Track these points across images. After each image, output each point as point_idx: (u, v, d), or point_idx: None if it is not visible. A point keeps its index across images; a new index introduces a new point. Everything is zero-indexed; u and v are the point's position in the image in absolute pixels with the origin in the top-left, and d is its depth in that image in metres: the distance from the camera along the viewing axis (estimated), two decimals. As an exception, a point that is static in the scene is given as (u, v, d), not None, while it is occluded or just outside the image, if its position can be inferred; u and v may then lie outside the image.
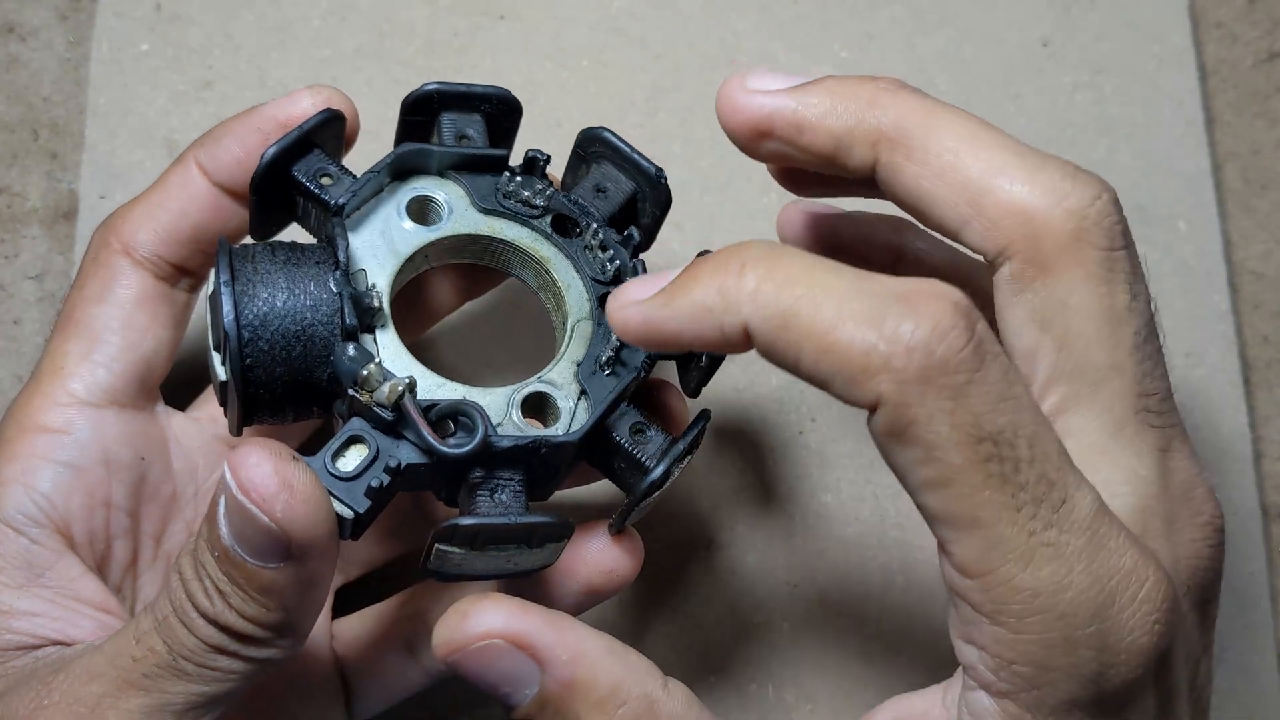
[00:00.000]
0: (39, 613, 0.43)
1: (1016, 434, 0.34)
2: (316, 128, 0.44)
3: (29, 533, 0.44)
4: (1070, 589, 0.35)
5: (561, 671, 0.38)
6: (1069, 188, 0.39)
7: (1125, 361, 0.39)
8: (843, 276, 0.35)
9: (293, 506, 0.36)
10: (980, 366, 0.34)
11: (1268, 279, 0.63)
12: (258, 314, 0.41)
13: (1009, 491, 0.34)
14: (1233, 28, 0.66)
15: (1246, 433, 0.60)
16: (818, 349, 0.34)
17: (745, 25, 0.64)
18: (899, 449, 0.35)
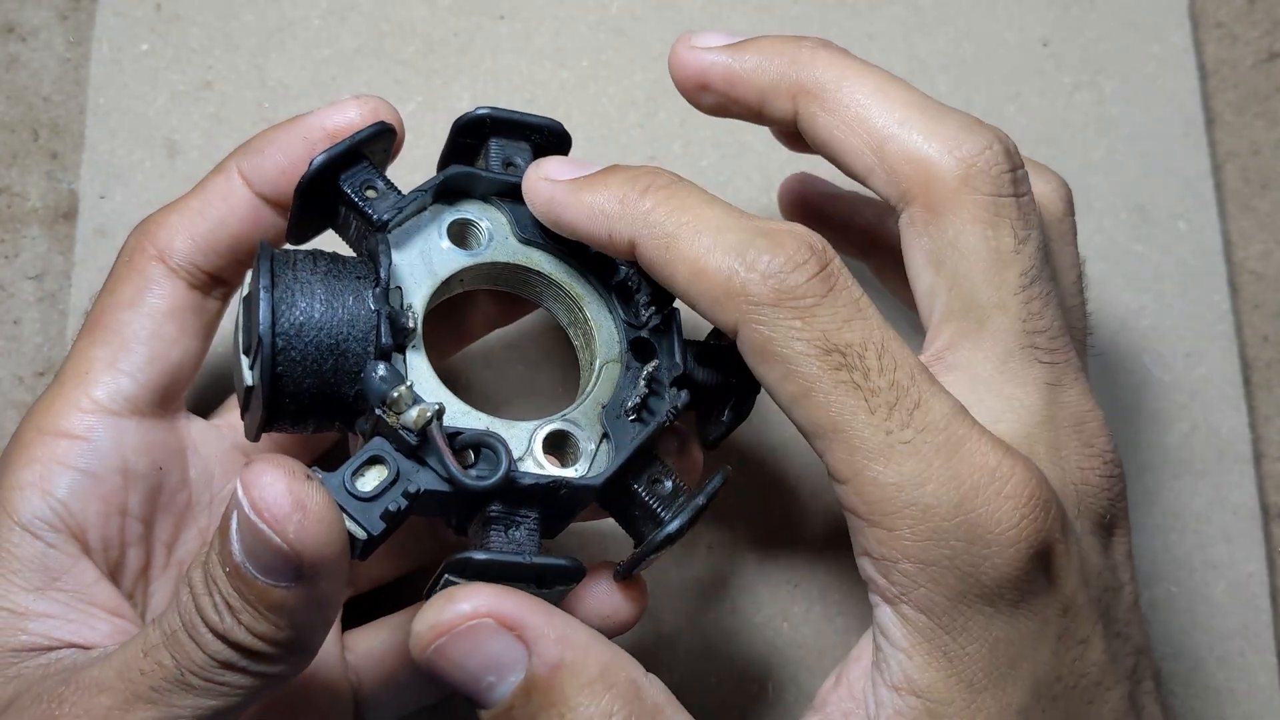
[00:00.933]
0: (54, 615, 0.43)
1: (865, 347, 0.38)
2: (368, 139, 0.44)
3: (45, 537, 0.44)
4: (930, 481, 0.38)
5: (550, 652, 0.38)
6: (961, 138, 0.42)
7: (1009, 300, 0.41)
8: (726, 212, 0.40)
9: (305, 527, 0.36)
10: (828, 293, 0.39)
11: (1268, 279, 0.63)
12: (294, 323, 0.40)
13: (862, 396, 0.38)
14: (1233, 28, 0.66)
15: (1246, 433, 0.60)
16: (690, 271, 0.40)
17: (745, 25, 0.64)
18: (764, 368, 0.39)
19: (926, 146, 0.42)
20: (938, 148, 0.42)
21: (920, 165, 0.42)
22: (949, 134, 0.42)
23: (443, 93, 0.61)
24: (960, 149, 0.42)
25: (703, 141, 0.62)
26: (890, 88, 0.43)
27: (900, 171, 0.43)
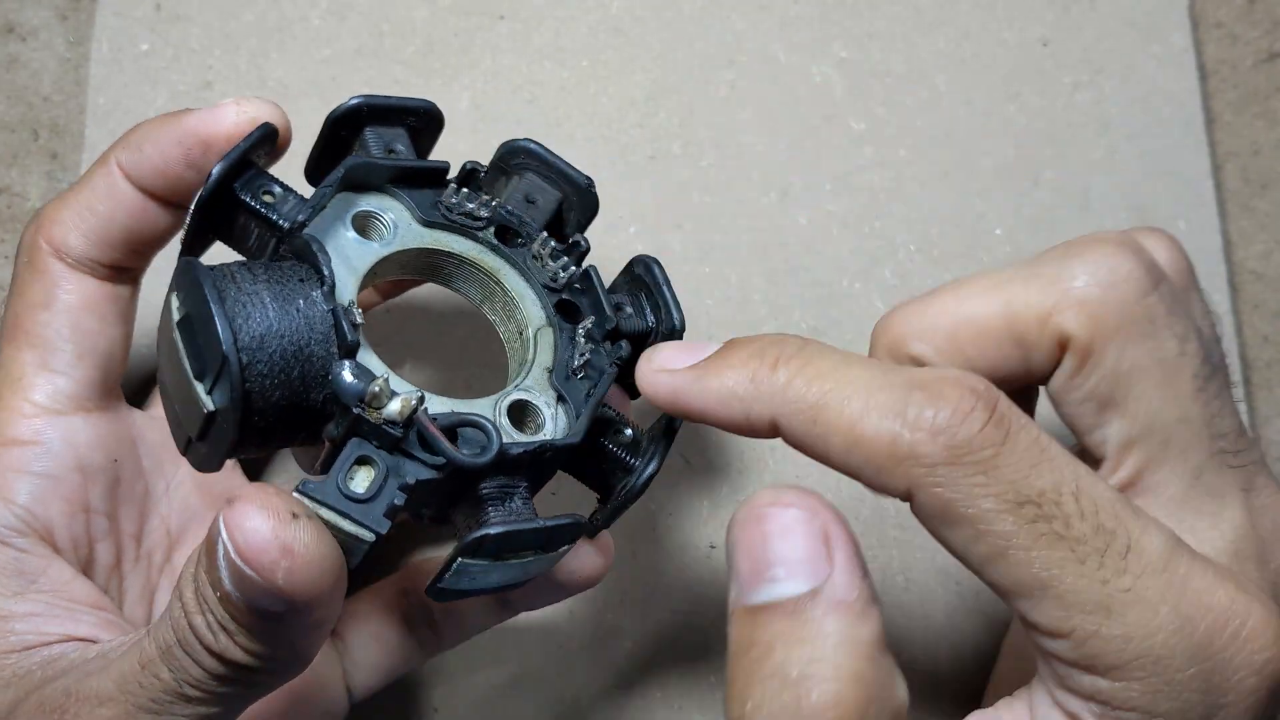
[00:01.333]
0: (39, 613, 0.43)
1: (1060, 492, 0.35)
2: (255, 144, 0.43)
3: (15, 543, 0.44)
4: (1160, 631, 0.34)
5: (845, 589, 0.36)
6: (1078, 270, 0.39)
7: (1189, 409, 0.39)
8: (868, 369, 0.37)
9: (294, 572, 0.35)
10: (1005, 439, 0.35)
11: (1268, 279, 0.63)
12: (254, 334, 0.39)
13: (1067, 547, 0.35)
14: (1233, 28, 0.66)
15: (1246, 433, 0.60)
16: (846, 441, 0.36)
17: (745, 25, 0.64)
18: (949, 531, 0.36)
19: (1030, 306, 0.39)
20: (1047, 300, 0.39)
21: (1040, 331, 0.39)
22: (1058, 272, 0.39)
23: (443, 93, 0.61)
24: (1080, 288, 0.39)
25: (703, 141, 0.62)
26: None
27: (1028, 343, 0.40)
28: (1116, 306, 0.39)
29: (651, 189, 0.61)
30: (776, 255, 0.61)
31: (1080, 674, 0.35)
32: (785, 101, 0.63)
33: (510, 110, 0.61)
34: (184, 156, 0.44)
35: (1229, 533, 0.38)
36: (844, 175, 0.62)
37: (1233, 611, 0.35)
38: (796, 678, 0.35)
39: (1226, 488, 0.39)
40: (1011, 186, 0.63)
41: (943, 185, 0.62)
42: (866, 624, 0.36)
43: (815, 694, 0.35)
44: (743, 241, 0.61)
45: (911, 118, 0.63)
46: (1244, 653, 0.35)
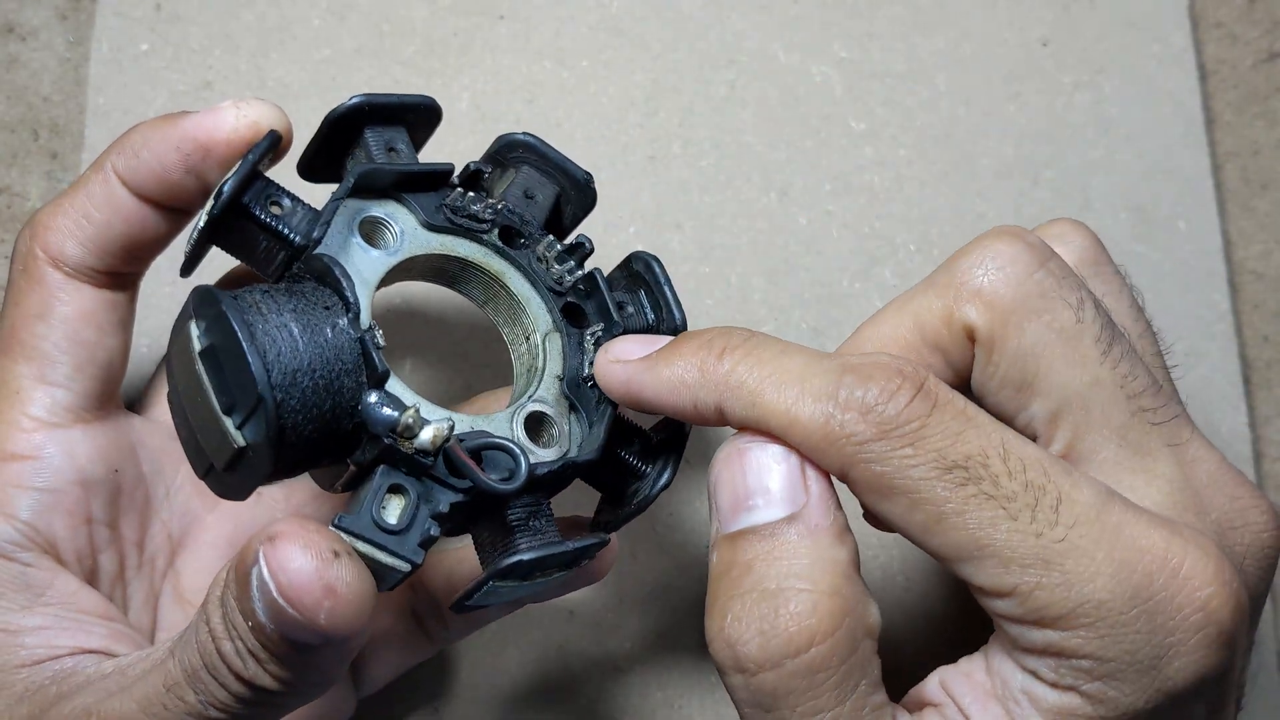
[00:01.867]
0: (49, 626, 0.43)
1: (987, 454, 0.36)
2: (262, 155, 0.42)
3: (20, 558, 0.44)
4: (1098, 576, 0.35)
5: (820, 516, 0.38)
6: (956, 280, 0.41)
7: (1098, 372, 0.40)
8: (805, 357, 0.39)
9: (336, 611, 0.35)
10: (931, 411, 0.37)
11: (1268, 279, 0.63)
12: (286, 370, 0.38)
13: (997, 505, 0.36)
14: (1233, 28, 0.66)
15: (1246, 433, 0.60)
16: (783, 424, 0.38)
17: (745, 25, 0.64)
18: (886, 505, 0.37)
19: (934, 311, 0.41)
20: (946, 301, 0.41)
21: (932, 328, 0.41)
22: (938, 291, 0.41)
23: (443, 93, 0.61)
24: (973, 280, 0.41)
25: (702, 141, 0.62)
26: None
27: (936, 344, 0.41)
28: (1007, 287, 0.40)
29: (651, 189, 0.61)
30: (776, 255, 0.61)
31: (1031, 630, 0.36)
32: (785, 101, 0.63)
33: (510, 110, 0.61)
34: (182, 162, 0.43)
35: (1164, 487, 0.39)
36: (844, 175, 0.62)
37: (1169, 552, 0.36)
38: (774, 590, 0.37)
39: (1153, 444, 0.40)
40: (1011, 186, 0.63)
41: (943, 185, 0.62)
42: (842, 547, 0.38)
43: (793, 603, 0.37)
44: (743, 241, 0.61)
45: (911, 118, 0.63)
46: (1185, 590, 0.36)
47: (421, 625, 0.50)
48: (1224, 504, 0.40)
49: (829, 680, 0.36)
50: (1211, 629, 0.36)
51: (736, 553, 0.38)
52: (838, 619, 0.37)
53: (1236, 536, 0.40)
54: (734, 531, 0.39)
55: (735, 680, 0.38)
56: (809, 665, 0.36)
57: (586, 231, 0.47)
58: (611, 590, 0.56)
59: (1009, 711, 0.38)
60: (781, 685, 0.37)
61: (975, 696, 0.38)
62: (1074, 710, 0.37)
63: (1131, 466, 0.40)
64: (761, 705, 0.37)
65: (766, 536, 0.38)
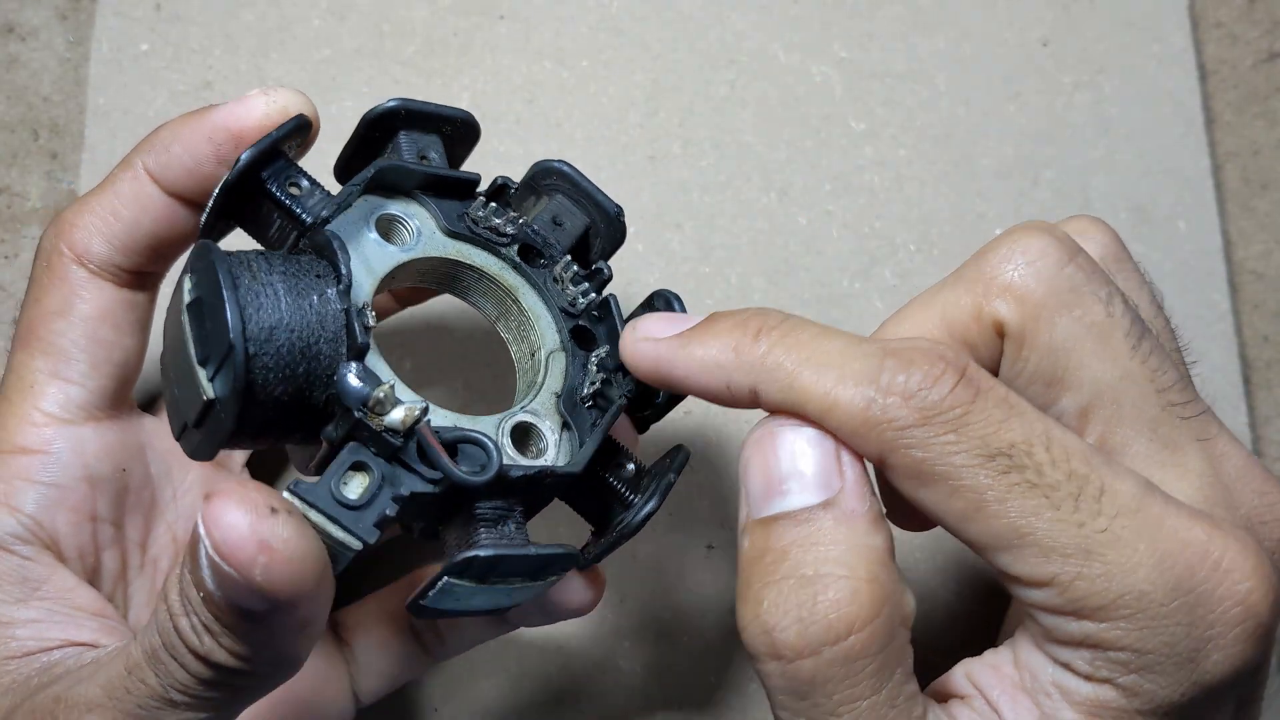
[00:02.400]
0: (41, 619, 0.43)
1: (1031, 443, 0.36)
2: (286, 135, 0.42)
3: (20, 551, 0.44)
4: (1140, 568, 0.35)
5: (856, 502, 0.37)
6: (987, 271, 0.41)
7: (1129, 366, 0.39)
8: (844, 340, 0.38)
9: (272, 568, 0.34)
10: (974, 398, 0.36)
11: (1268, 279, 0.63)
12: (264, 325, 0.38)
13: (1040, 494, 0.35)
14: (1233, 28, 0.66)
15: (1246, 433, 0.60)
16: (821, 408, 0.37)
17: (745, 25, 0.64)
18: (925, 492, 0.36)
19: (963, 306, 0.41)
20: (975, 295, 0.41)
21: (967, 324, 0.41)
22: (969, 284, 0.41)
23: (443, 93, 0.61)
24: (1002, 275, 0.40)
25: (702, 141, 0.62)
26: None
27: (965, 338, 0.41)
28: (1037, 282, 0.40)
29: (651, 189, 0.61)
30: (776, 255, 0.61)
31: (1068, 621, 0.36)
32: (785, 101, 0.63)
33: (510, 110, 0.61)
34: (215, 153, 0.43)
35: (1195, 481, 0.39)
36: (844, 175, 0.62)
37: (1210, 545, 0.36)
38: (812, 576, 0.36)
39: (1183, 439, 0.40)
40: (1011, 186, 0.63)
41: (943, 185, 0.62)
42: (878, 534, 0.37)
43: (832, 591, 0.36)
44: (743, 241, 0.61)
45: (911, 118, 0.63)
46: (1225, 584, 0.35)
47: (419, 639, 0.50)
48: (1252, 499, 0.40)
49: (867, 668, 0.36)
50: (1251, 623, 0.36)
51: (770, 538, 0.37)
52: (877, 606, 0.36)
53: (1266, 531, 0.40)
54: (767, 516, 0.38)
55: (771, 667, 0.37)
56: (848, 653, 0.36)
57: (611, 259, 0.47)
58: (612, 590, 0.56)
59: (1039, 704, 0.37)
60: (820, 673, 0.36)
61: (1004, 689, 0.38)
62: (1108, 703, 0.36)
63: (1163, 461, 0.39)
64: (797, 693, 0.37)
65: (802, 522, 0.37)
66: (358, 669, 0.50)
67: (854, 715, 0.36)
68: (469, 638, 0.50)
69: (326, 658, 0.49)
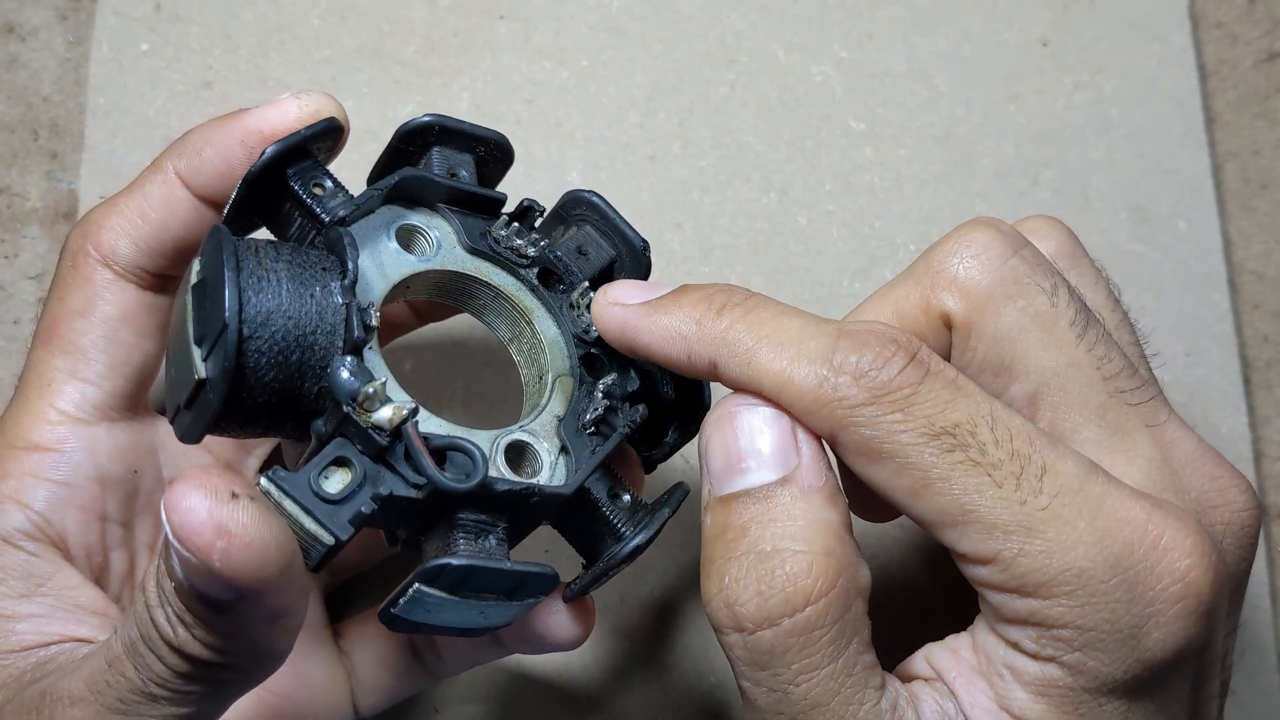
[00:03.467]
0: (42, 614, 0.43)
1: (975, 422, 0.37)
2: (315, 136, 0.43)
3: (26, 547, 0.44)
4: (1080, 544, 0.36)
5: (813, 477, 0.38)
6: (935, 266, 0.42)
7: (1075, 354, 0.40)
8: (802, 320, 0.39)
9: (231, 554, 0.34)
10: (923, 379, 0.37)
11: (1268, 279, 0.63)
12: (261, 310, 0.38)
13: (983, 472, 0.37)
14: (1233, 28, 0.66)
15: (1246, 433, 0.60)
16: (776, 384, 0.38)
17: (745, 25, 0.64)
18: (873, 469, 0.38)
19: (911, 300, 0.42)
20: (923, 289, 0.42)
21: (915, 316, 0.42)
22: (923, 278, 0.42)
23: (443, 93, 0.61)
24: (948, 269, 0.41)
25: (702, 141, 0.62)
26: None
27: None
28: (982, 274, 0.41)
29: (651, 189, 0.61)
30: (776, 255, 0.61)
31: (1013, 599, 0.37)
32: (785, 101, 0.63)
33: (510, 110, 0.61)
34: (247, 156, 0.43)
35: (1144, 466, 0.40)
36: (844, 175, 0.62)
37: (1150, 524, 0.36)
38: (770, 552, 0.38)
39: (1131, 425, 0.40)
40: (1011, 186, 0.63)
41: (943, 185, 0.62)
42: (834, 509, 0.38)
43: (789, 564, 0.37)
44: (743, 241, 0.61)
45: (911, 118, 0.63)
46: (1164, 561, 0.36)
47: (418, 656, 0.50)
48: (1203, 483, 0.40)
49: (824, 638, 0.37)
50: (1191, 600, 0.36)
51: (731, 515, 0.39)
52: (832, 579, 0.37)
53: (1216, 515, 0.40)
54: (727, 494, 0.39)
55: (733, 639, 0.38)
56: (805, 624, 0.37)
57: None
58: (612, 590, 0.56)
59: (993, 686, 0.38)
60: (779, 643, 0.37)
61: (961, 672, 0.39)
62: (1055, 681, 0.37)
63: (1111, 446, 0.40)
64: (758, 663, 0.38)
65: (760, 499, 0.38)
66: (358, 683, 0.50)
67: (811, 683, 0.37)
68: (467, 657, 0.50)
69: (327, 671, 0.49)
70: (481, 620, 0.40)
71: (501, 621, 0.41)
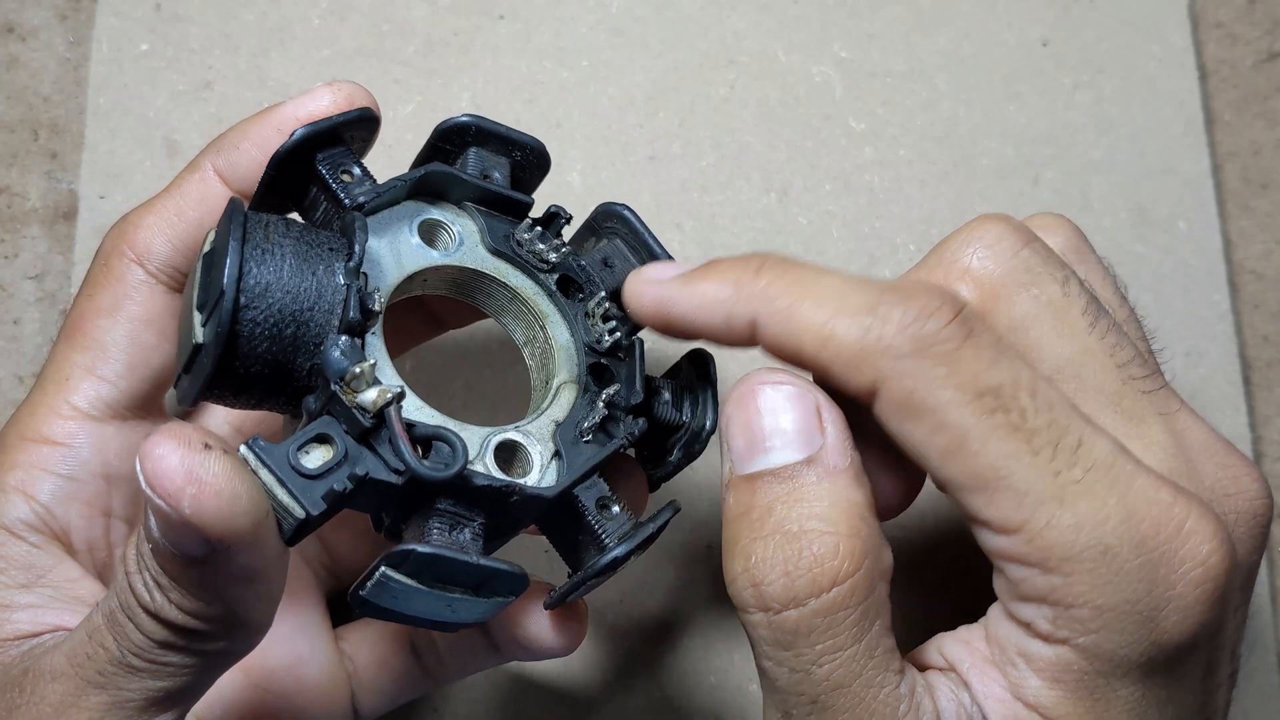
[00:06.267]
0: (40, 604, 0.43)
1: (1017, 386, 0.36)
2: (349, 123, 0.43)
3: (29, 538, 0.44)
4: (1109, 520, 0.36)
5: (839, 458, 0.38)
6: (951, 257, 0.42)
7: (1087, 341, 0.40)
8: (845, 279, 0.39)
9: (201, 501, 0.34)
10: (969, 336, 0.37)
11: (1268, 279, 0.63)
12: (261, 281, 0.38)
13: (1022, 438, 0.36)
14: (1233, 28, 0.66)
15: (1246, 433, 0.60)
16: (818, 338, 0.38)
17: (745, 25, 0.64)
18: (910, 426, 0.37)
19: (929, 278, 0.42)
20: (937, 280, 0.41)
21: None
22: (945, 259, 0.42)
23: (443, 93, 0.61)
24: (962, 260, 0.41)
25: (702, 141, 0.62)
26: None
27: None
28: (995, 265, 0.41)
29: (651, 189, 0.61)
30: (776, 255, 0.61)
31: (1034, 574, 0.37)
32: (785, 101, 0.63)
33: (510, 110, 0.61)
34: None
35: (1159, 453, 0.40)
36: (844, 175, 0.62)
37: (1176, 508, 0.36)
38: (797, 532, 0.37)
39: (1146, 412, 0.40)
40: (1011, 186, 0.63)
41: (943, 185, 0.62)
42: (859, 489, 0.38)
43: (816, 545, 0.37)
44: (743, 241, 0.61)
45: (911, 118, 0.63)
46: (1188, 545, 0.36)
47: (419, 660, 0.50)
48: (1216, 471, 0.40)
49: (848, 619, 0.37)
50: (1209, 585, 0.36)
51: (755, 495, 0.38)
52: (858, 560, 0.37)
53: (1230, 504, 0.40)
54: (751, 473, 0.39)
55: (757, 618, 0.38)
56: (831, 605, 0.37)
57: None
58: (611, 590, 0.56)
59: (1006, 675, 0.38)
60: (804, 624, 0.37)
61: (974, 663, 0.39)
62: (1069, 665, 0.37)
63: (1127, 433, 0.40)
64: (781, 643, 0.37)
65: (785, 479, 0.38)
66: (359, 685, 0.50)
67: (834, 664, 0.37)
68: (467, 664, 0.50)
69: (328, 673, 0.49)
70: (449, 614, 0.39)
71: (470, 619, 0.40)
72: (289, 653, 0.48)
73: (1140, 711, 0.37)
